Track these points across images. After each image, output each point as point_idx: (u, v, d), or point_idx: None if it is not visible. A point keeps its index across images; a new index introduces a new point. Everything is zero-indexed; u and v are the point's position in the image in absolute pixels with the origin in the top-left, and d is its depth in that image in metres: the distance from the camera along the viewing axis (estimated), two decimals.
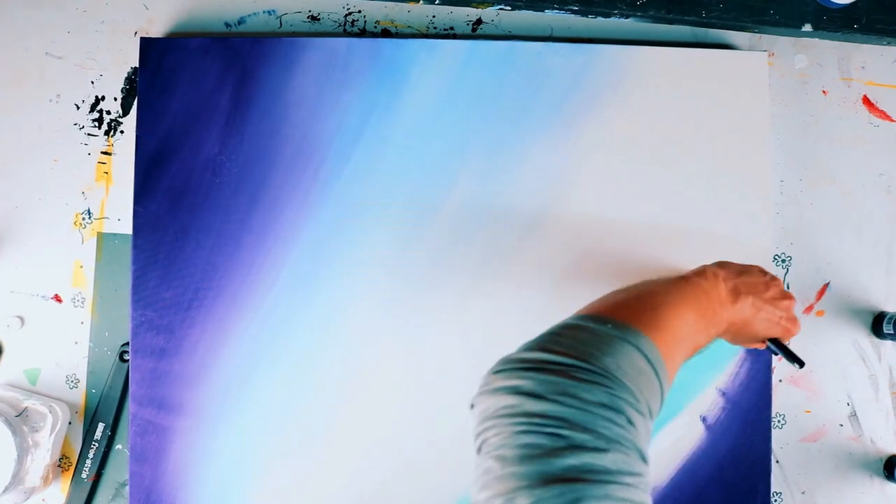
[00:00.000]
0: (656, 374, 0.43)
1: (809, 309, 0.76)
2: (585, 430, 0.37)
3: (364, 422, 0.73)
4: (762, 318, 0.57)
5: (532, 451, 0.37)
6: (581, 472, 0.36)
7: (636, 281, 0.73)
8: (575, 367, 0.40)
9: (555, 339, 0.44)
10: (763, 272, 0.60)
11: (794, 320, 0.60)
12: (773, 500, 0.74)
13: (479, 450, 0.41)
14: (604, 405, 0.39)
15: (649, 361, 0.43)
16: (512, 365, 0.42)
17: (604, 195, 0.74)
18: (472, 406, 0.44)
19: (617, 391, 0.40)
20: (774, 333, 0.60)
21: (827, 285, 0.76)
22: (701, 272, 0.56)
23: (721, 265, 0.59)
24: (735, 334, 0.58)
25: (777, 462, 0.75)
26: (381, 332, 0.74)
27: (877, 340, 0.76)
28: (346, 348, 0.74)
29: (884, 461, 0.75)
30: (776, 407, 0.75)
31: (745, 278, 0.57)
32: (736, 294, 0.55)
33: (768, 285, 0.59)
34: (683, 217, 0.74)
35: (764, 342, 0.62)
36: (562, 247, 0.74)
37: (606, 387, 0.40)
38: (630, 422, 0.39)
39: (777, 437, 0.75)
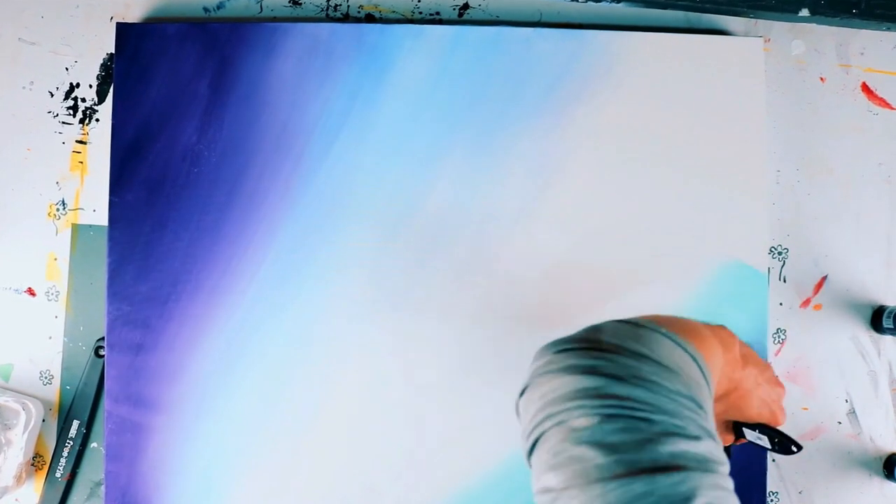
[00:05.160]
0: (708, 386, 0.41)
1: (807, 303, 0.74)
2: (674, 416, 0.36)
3: (347, 418, 0.71)
4: (758, 396, 0.54)
5: (633, 437, 0.34)
6: (686, 459, 0.34)
7: (628, 275, 0.72)
8: (645, 357, 0.38)
9: (612, 329, 0.41)
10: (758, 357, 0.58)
11: (783, 409, 0.56)
12: (769, 499, 0.73)
13: (541, 435, 0.37)
14: (682, 394, 0.37)
15: (702, 372, 0.41)
16: (577, 345, 0.40)
17: (594, 185, 0.72)
18: (525, 389, 0.40)
19: (686, 384, 0.38)
20: (764, 416, 0.56)
21: (825, 278, 0.74)
22: (722, 326, 0.54)
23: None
24: (732, 403, 0.55)
25: (773, 461, 0.73)
26: (365, 326, 0.72)
27: (876, 335, 0.74)
28: (329, 343, 0.72)
29: (883, 460, 0.73)
30: None
31: (750, 350, 0.55)
32: (746, 360, 0.53)
33: (767, 367, 0.56)
34: (676, 208, 0.72)
35: (740, 437, 0.57)
36: (551, 237, 0.72)
37: (678, 378, 0.38)
38: (706, 413, 0.38)
39: None
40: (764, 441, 0.55)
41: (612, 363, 0.38)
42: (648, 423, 0.35)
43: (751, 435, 0.55)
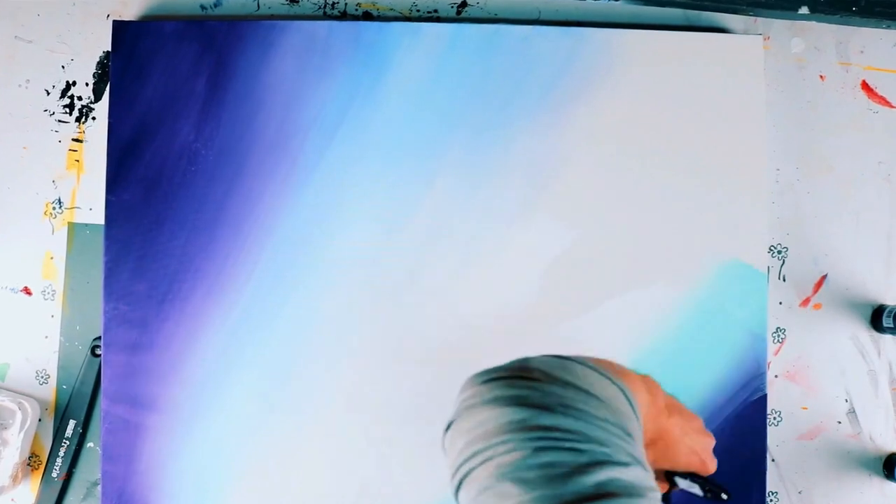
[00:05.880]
0: (638, 422, 0.41)
1: (806, 302, 0.74)
2: (602, 444, 0.35)
3: (345, 418, 0.71)
4: (686, 444, 0.54)
5: (558, 470, 0.34)
6: (613, 486, 0.33)
7: (627, 275, 0.72)
8: (572, 385, 0.38)
9: (539, 360, 0.41)
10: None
11: (712, 458, 0.56)
12: (768, 499, 0.72)
13: (468, 472, 0.37)
14: (610, 422, 0.37)
15: (631, 406, 0.41)
16: (503, 374, 0.39)
17: (593, 184, 0.72)
18: (450, 424, 0.40)
19: (614, 413, 0.38)
20: (694, 464, 0.56)
21: (824, 277, 0.74)
22: (646, 376, 0.54)
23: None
24: (660, 452, 0.55)
25: (773, 461, 0.73)
26: (362, 325, 0.71)
27: (876, 335, 0.73)
28: (327, 342, 0.71)
29: (883, 459, 0.73)
30: (772, 403, 0.72)
31: (676, 401, 0.55)
32: (671, 410, 0.53)
33: (694, 418, 0.56)
34: (675, 207, 0.72)
35: (673, 485, 0.57)
36: (549, 236, 0.72)
37: (605, 407, 0.38)
38: (634, 440, 0.37)
39: (773, 435, 0.73)
40: (696, 489, 0.55)
41: (538, 392, 0.37)
42: (576, 454, 0.34)
43: (683, 483, 0.56)
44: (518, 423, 0.36)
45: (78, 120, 0.75)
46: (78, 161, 0.75)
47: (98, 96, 0.75)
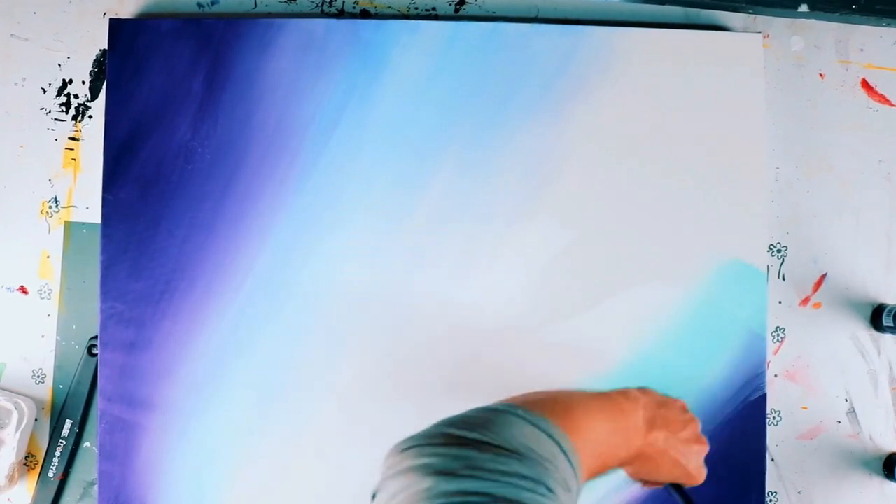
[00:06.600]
0: (568, 459, 0.42)
1: (806, 301, 0.73)
2: (508, 501, 0.36)
3: (342, 419, 0.71)
4: (670, 458, 0.55)
5: None
6: None
7: (626, 273, 0.71)
8: (484, 444, 0.39)
9: (463, 418, 0.43)
10: (684, 410, 0.58)
11: (700, 468, 0.57)
12: (768, 499, 0.72)
13: None
14: (520, 475, 0.38)
15: (559, 446, 0.42)
16: (417, 442, 0.41)
17: (592, 182, 0.72)
18: (374, 495, 0.41)
19: (529, 464, 0.39)
20: (677, 475, 0.56)
21: (824, 276, 0.74)
22: (623, 392, 0.55)
23: (644, 391, 0.57)
24: (640, 466, 0.55)
25: (772, 460, 0.72)
26: (360, 325, 0.71)
27: (876, 334, 0.73)
28: (324, 342, 0.71)
29: (883, 459, 0.73)
30: (771, 403, 0.72)
31: (663, 412, 0.55)
32: (651, 424, 0.53)
33: (685, 424, 0.56)
34: (675, 205, 0.72)
35: (661, 484, 0.58)
36: (548, 235, 0.71)
37: (518, 460, 0.39)
38: (550, 490, 0.38)
39: (772, 435, 0.72)
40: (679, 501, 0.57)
41: (444, 458, 0.38)
42: None
43: (672, 493, 0.58)
44: (425, 492, 0.37)
45: (74, 118, 0.74)
46: (74, 159, 0.74)
47: (94, 94, 0.75)
